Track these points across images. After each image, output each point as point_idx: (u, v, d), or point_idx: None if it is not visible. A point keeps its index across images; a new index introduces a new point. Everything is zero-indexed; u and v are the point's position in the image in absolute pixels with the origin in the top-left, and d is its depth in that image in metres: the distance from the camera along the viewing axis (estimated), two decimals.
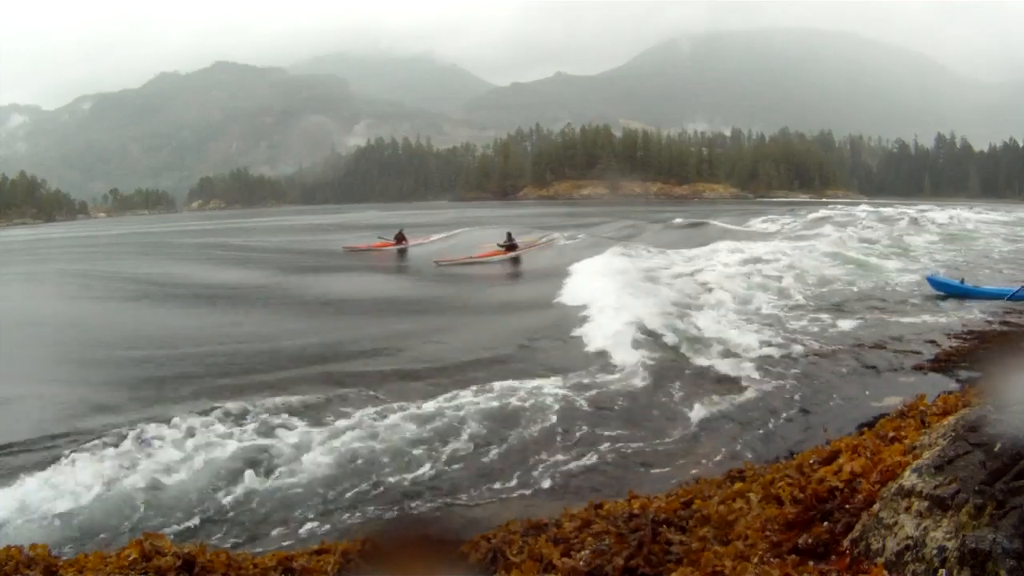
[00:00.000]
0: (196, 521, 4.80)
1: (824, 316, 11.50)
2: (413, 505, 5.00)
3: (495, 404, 7.04)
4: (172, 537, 3.75)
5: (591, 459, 5.76)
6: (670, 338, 9.70)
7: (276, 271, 21.30)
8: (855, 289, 14.64)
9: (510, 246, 21.86)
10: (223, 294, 16.90)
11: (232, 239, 37.29)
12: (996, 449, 2.08)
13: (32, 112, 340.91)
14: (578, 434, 6.31)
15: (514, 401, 7.13)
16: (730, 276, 15.74)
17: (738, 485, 3.30)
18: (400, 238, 27.36)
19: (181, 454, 5.76)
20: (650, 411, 6.90)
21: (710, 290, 13.86)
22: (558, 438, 6.22)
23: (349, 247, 27.67)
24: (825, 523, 2.54)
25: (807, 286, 14.86)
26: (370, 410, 6.86)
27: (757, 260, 18.73)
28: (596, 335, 10.00)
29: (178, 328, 12.50)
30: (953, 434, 2.36)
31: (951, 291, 13.02)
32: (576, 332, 10.52)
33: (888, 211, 45.20)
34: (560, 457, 5.81)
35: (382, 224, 32.91)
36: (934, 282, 13.73)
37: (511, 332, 11.21)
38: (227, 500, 5.09)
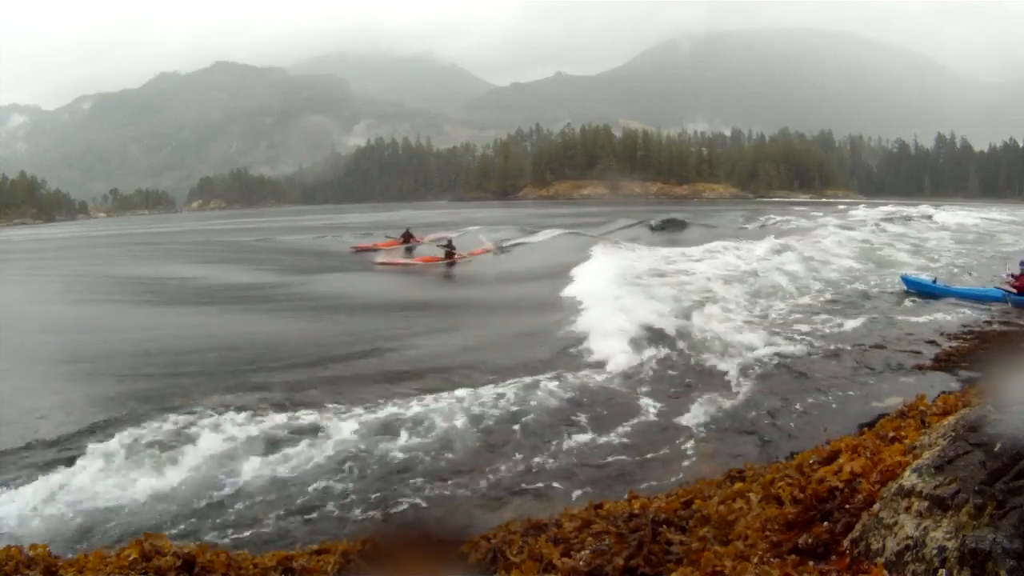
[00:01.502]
0: (196, 521, 4.79)
1: (824, 316, 11.50)
2: (413, 505, 5.00)
3: (495, 403, 7.04)
4: (172, 537, 3.75)
5: (591, 459, 5.76)
6: (670, 338, 9.70)
7: (285, 271, 21.37)
8: (856, 289, 14.64)
9: (449, 253, 22.75)
10: (229, 294, 16.90)
11: (241, 239, 37.29)
12: (996, 449, 2.08)
13: (32, 112, 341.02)
14: (578, 434, 6.31)
15: (513, 401, 7.13)
16: (730, 275, 15.75)
17: (738, 485, 3.30)
18: (407, 237, 27.38)
19: (181, 454, 5.76)
20: (650, 411, 6.90)
21: (710, 289, 13.86)
22: (558, 438, 6.22)
23: (357, 246, 27.75)
24: (825, 523, 2.54)
25: (808, 286, 14.87)
26: (370, 410, 6.86)
27: (758, 259, 18.74)
28: (596, 334, 10.00)
29: (179, 329, 12.49)
30: (953, 434, 2.36)
31: (923, 290, 13.48)
32: (576, 332, 10.51)
33: (892, 210, 45.10)
34: (560, 457, 5.81)
35: (433, 223, 33.11)
36: (908, 281, 14.19)
37: (511, 332, 11.22)
38: (227, 500, 5.09)
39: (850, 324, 10.78)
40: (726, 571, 2.37)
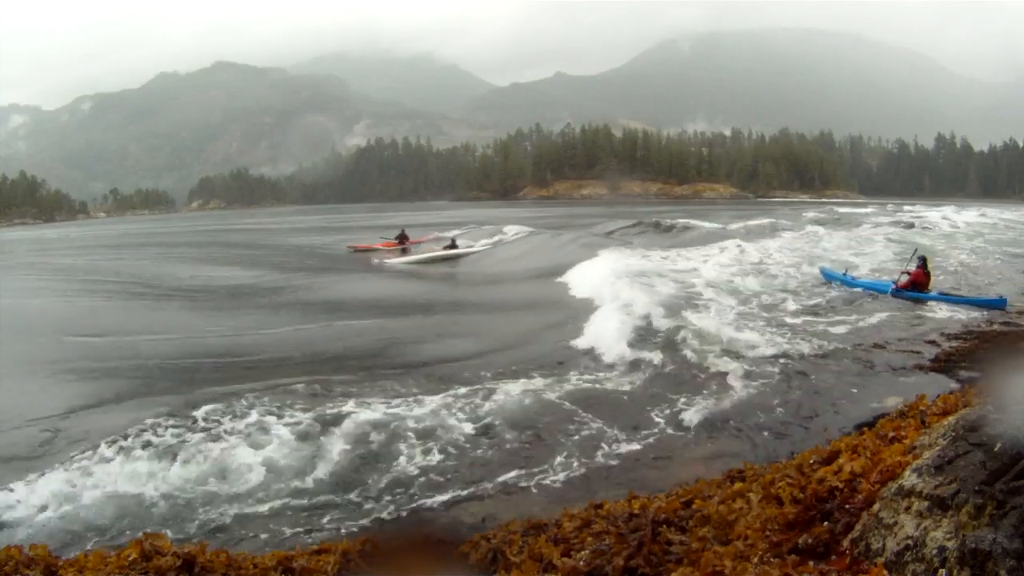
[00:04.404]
0: (196, 521, 4.79)
1: (824, 316, 11.49)
2: (413, 505, 5.00)
3: (494, 403, 7.04)
4: (172, 537, 3.75)
5: (591, 459, 5.75)
6: (670, 337, 9.68)
7: (286, 271, 21.39)
8: (856, 289, 14.63)
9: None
10: (228, 294, 16.90)
11: (241, 239, 37.28)
12: (996, 449, 2.08)
13: (32, 112, 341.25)
14: (578, 433, 6.30)
15: (513, 400, 7.12)
16: (731, 275, 15.74)
17: (738, 485, 3.30)
18: (403, 238, 27.45)
19: (181, 453, 5.76)
20: (650, 410, 6.90)
21: (710, 288, 13.85)
22: (558, 437, 6.21)
23: (353, 247, 27.87)
24: (825, 523, 2.54)
25: (809, 285, 14.86)
26: (369, 410, 6.85)
27: (759, 258, 18.74)
28: (595, 334, 9.99)
29: (178, 327, 12.48)
30: (953, 434, 2.36)
31: (836, 281, 14.88)
32: (575, 331, 10.50)
33: (894, 210, 44.91)
34: (560, 457, 5.81)
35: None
36: (824, 273, 15.74)
37: (510, 331, 11.21)
38: (227, 500, 5.09)
39: (850, 323, 10.76)
40: (726, 571, 2.37)
